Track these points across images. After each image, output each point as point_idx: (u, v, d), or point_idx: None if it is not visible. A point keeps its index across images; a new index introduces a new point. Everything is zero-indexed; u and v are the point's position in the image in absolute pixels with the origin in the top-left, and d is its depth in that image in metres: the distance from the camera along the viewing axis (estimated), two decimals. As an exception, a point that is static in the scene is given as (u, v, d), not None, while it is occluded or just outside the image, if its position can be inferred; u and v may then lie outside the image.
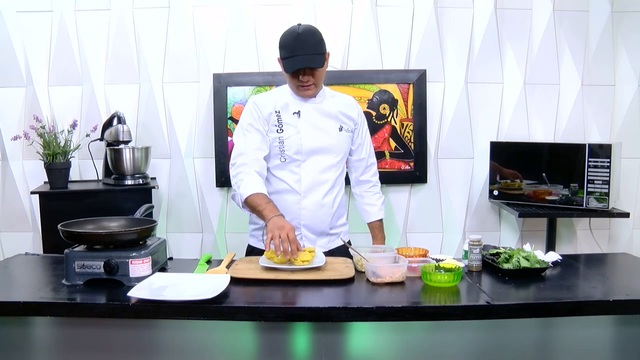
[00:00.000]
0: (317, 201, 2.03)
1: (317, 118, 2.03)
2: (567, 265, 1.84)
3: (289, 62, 1.92)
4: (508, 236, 3.11)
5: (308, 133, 2.01)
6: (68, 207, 2.60)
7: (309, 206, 2.03)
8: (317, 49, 1.92)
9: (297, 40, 1.91)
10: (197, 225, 3.07)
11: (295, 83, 1.98)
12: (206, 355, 1.57)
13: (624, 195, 2.98)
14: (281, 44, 1.95)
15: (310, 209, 2.03)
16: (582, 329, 1.57)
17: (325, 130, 2.04)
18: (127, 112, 2.89)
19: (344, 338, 1.56)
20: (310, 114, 2.03)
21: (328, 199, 2.05)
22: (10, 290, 1.68)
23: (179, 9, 2.95)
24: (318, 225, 2.05)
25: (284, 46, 1.94)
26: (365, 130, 2.18)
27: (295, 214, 2.02)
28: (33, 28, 2.94)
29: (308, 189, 2.02)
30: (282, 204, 1.98)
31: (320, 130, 2.03)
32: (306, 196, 2.03)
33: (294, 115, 2.01)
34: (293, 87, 2.01)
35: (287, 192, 2.03)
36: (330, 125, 2.05)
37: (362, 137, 2.16)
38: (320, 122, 2.03)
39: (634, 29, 3.00)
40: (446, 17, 2.97)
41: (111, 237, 1.67)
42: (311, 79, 1.96)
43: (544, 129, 3.05)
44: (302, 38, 1.91)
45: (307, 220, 2.04)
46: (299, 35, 1.91)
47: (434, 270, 1.63)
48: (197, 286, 1.53)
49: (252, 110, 2.02)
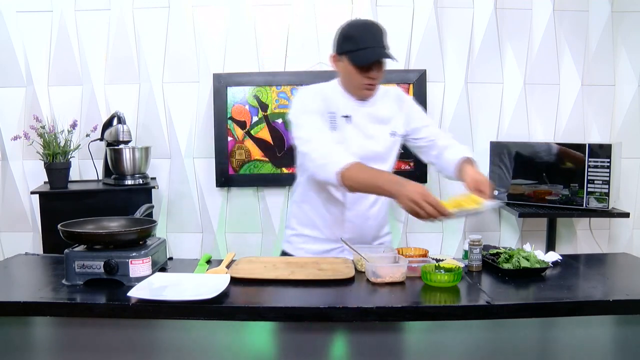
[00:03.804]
0: (362, 213, 1.91)
1: (368, 124, 1.87)
2: (567, 265, 1.84)
3: (364, 54, 1.74)
4: (508, 236, 3.11)
5: (356, 140, 1.84)
6: (68, 207, 2.60)
7: (353, 218, 1.91)
8: (386, 42, 1.78)
9: (369, 32, 1.76)
10: (197, 225, 3.07)
11: (361, 80, 1.80)
12: (206, 355, 1.57)
13: (624, 195, 2.98)
14: (348, 35, 1.78)
15: (355, 221, 1.91)
16: (582, 329, 1.57)
17: (375, 137, 1.88)
18: (127, 112, 2.89)
19: (343, 338, 1.56)
20: (361, 119, 1.86)
21: (373, 210, 1.92)
22: (10, 290, 1.68)
23: (179, 9, 2.95)
24: (361, 238, 1.91)
25: (353, 37, 1.76)
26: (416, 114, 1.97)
27: (338, 226, 1.92)
28: (33, 28, 2.94)
29: (354, 200, 1.88)
30: (324, 216, 1.91)
31: (370, 137, 1.87)
32: (351, 208, 1.90)
33: (343, 119, 1.84)
34: (357, 85, 1.82)
35: (330, 202, 1.90)
36: (381, 131, 1.89)
37: (416, 121, 1.95)
38: (370, 129, 1.87)
39: (634, 29, 3.00)
40: (446, 17, 2.97)
41: (111, 237, 1.66)
42: (380, 76, 1.81)
43: (544, 129, 3.05)
44: (374, 30, 1.76)
45: (351, 234, 1.90)
46: (370, 27, 1.77)
47: (434, 270, 1.62)
48: (197, 286, 1.53)
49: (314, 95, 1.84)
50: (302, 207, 1.99)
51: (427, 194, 1.53)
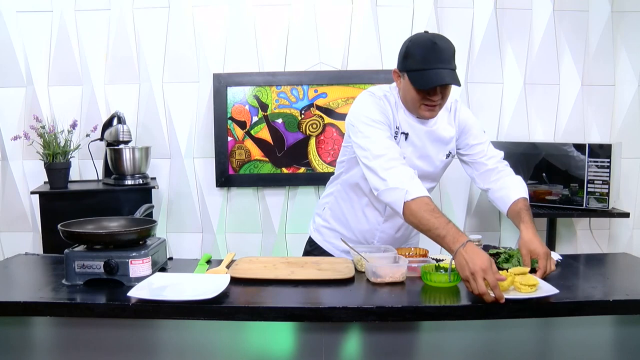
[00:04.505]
0: (397, 227, 1.91)
1: (426, 144, 1.79)
2: (567, 265, 1.84)
3: (424, 76, 1.62)
4: (508, 236, 3.11)
5: (411, 160, 1.76)
6: (68, 207, 2.60)
7: (387, 230, 1.90)
8: (454, 63, 1.65)
9: (435, 52, 1.62)
10: (197, 225, 3.07)
11: (419, 101, 1.69)
12: (206, 355, 1.57)
13: (624, 195, 2.98)
14: (411, 52, 1.66)
15: (388, 232, 1.91)
16: (582, 329, 1.57)
17: (431, 157, 1.81)
18: (127, 112, 2.89)
19: (344, 338, 1.56)
20: (419, 138, 1.77)
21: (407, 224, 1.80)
22: (10, 290, 1.68)
23: (179, 9, 2.95)
24: (390, 244, 1.88)
25: (416, 56, 1.64)
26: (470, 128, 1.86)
27: (371, 234, 1.92)
28: (33, 28, 2.94)
29: (392, 214, 1.82)
30: (359, 220, 1.91)
31: (425, 157, 1.80)
32: (388, 220, 1.89)
33: (401, 136, 1.76)
34: (414, 104, 1.71)
35: (369, 210, 1.88)
36: (438, 151, 1.82)
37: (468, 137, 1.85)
38: (427, 149, 1.80)
39: (634, 29, 3.00)
40: (446, 17, 2.97)
41: (111, 237, 1.66)
42: (441, 99, 1.69)
43: (544, 129, 3.05)
44: (440, 48, 1.62)
45: (381, 242, 1.91)
46: (436, 45, 1.62)
47: (434, 270, 1.62)
48: (197, 286, 1.53)
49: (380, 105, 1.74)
50: (340, 204, 1.97)
51: (488, 269, 1.39)
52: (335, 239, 1.99)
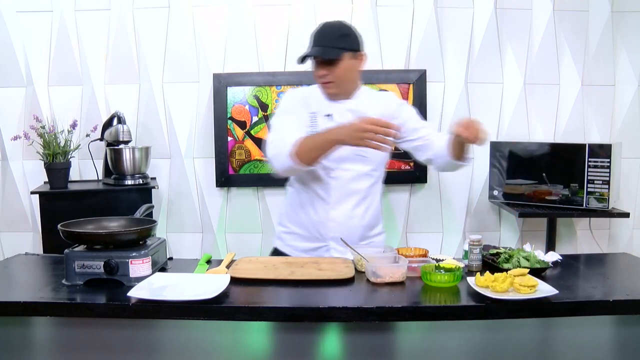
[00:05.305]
0: (346, 213, 1.93)
1: (351, 118, 1.84)
2: (567, 265, 1.84)
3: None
4: (508, 236, 3.11)
5: None
6: (68, 207, 2.60)
7: (337, 217, 1.93)
8: (335, 42, 1.82)
9: (317, 33, 1.86)
10: (197, 225, 3.07)
11: (316, 79, 1.91)
12: (206, 355, 1.57)
13: (624, 195, 2.98)
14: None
15: (338, 220, 1.93)
16: (582, 329, 1.57)
17: None
18: (127, 112, 2.89)
19: (343, 338, 1.56)
20: (343, 117, 1.88)
21: (359, 210, 1.94)
22: (10, 290, 1.68)
23: (179, 9, 2.95)
24: (347, 237, 1.88)
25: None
26: (412, 115, 2.01)
27: (323, 225, 1.94)
28: (33, 28, 2.94)
29: (338, 199, 1.92)
30: (309, 214, 1.94)
31: None
32: (335, 207, 1.93)
33: (326, 118, 1.90)
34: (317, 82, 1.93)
35: (315, 201, 1.94)
36: None
37: (413, 122, 1.99)
38: None
39: (634, 29, 3.00)
40: (446, 17, 2.97)
41: (111, 237, 1.66)
42: (327, 75, 1.85)
43: (544, 129, 3.05)
44: (322, 30, 1.85)
45: (336, 233, 1.93)
46: (322, 27, 1.86)
47: (434, 270, 1.62)
48: (197, 286, 1.53)
49: (292, 99, 1.94)
50: (293, 205, 2.05)
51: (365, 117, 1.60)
52: (294, 240, 2.03)
